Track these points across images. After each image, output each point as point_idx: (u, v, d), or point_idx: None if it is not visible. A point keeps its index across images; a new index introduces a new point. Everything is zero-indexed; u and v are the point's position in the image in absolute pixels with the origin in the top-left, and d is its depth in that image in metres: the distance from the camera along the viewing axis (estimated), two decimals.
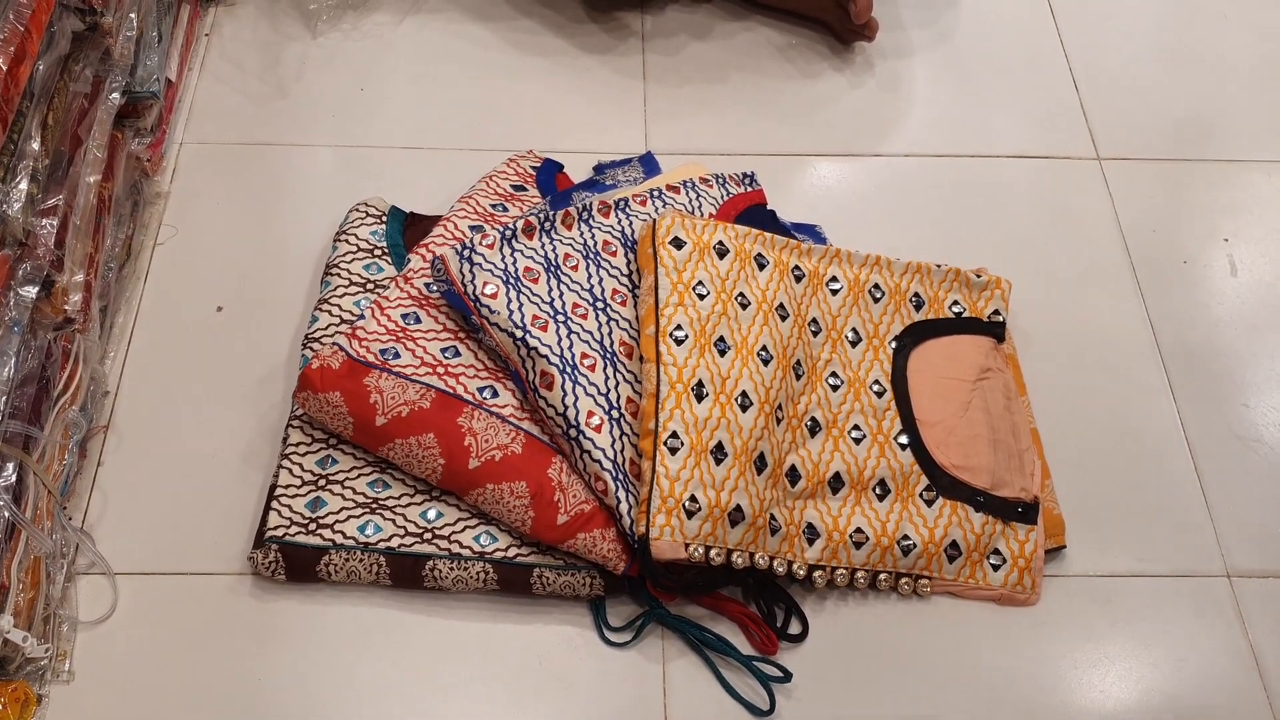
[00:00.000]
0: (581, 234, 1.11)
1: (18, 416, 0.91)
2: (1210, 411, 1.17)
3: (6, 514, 0.87)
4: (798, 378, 1.07)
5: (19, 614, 0.89)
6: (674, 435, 0.98)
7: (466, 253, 1.05)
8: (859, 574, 1.02)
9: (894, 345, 1.13)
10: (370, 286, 1.13)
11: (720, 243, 1.09)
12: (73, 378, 1.01)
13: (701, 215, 1.17)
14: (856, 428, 1.07)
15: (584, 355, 1.03)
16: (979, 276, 1.18)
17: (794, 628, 1.01)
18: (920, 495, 1.05)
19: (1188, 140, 1.40)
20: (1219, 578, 1.08)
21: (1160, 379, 1.19)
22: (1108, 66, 1.47)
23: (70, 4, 1.01)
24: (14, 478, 0.89)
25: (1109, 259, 1.28)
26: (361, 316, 1.06)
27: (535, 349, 1.01)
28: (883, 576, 1.03)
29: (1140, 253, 1.29)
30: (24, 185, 0.91)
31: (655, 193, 1.17)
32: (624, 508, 0.98)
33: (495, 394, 1.03)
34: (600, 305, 1.07)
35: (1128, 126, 1.40)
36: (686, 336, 1.02)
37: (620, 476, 0.99)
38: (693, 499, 0.96)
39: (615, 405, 1.02)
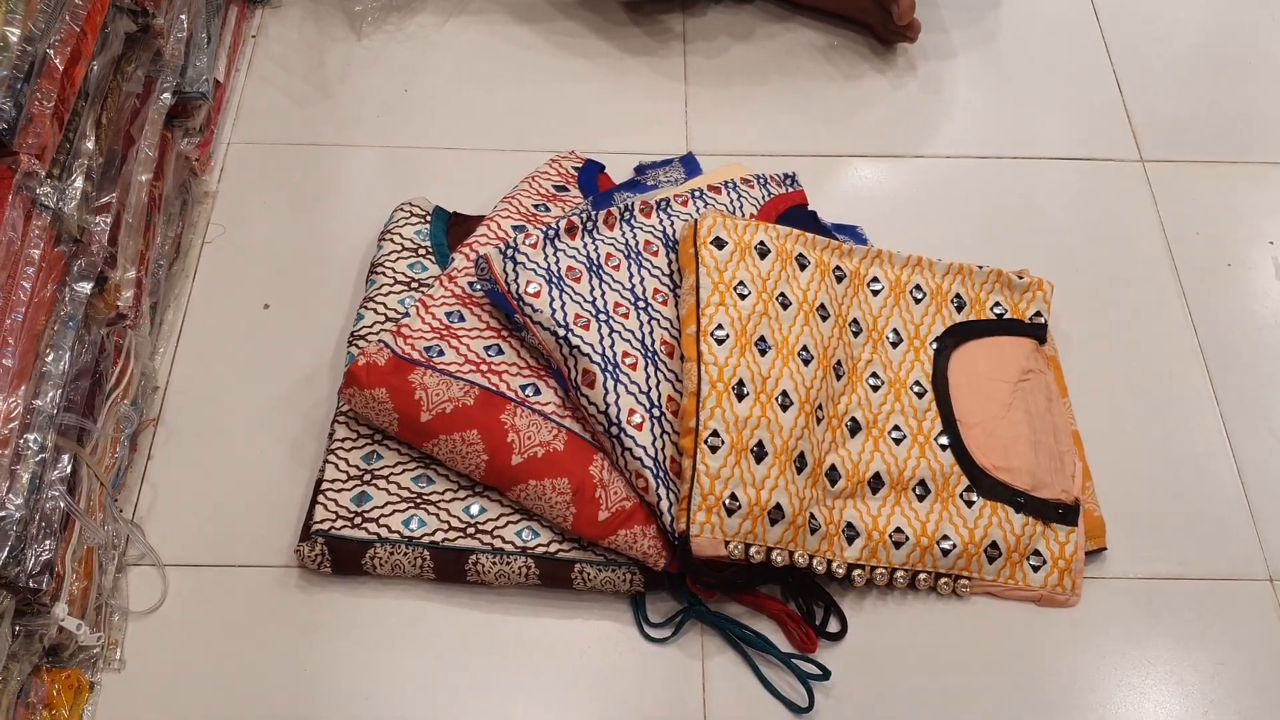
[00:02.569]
0: (623, 234, 1.12)
1: (72, 410, 0.93)
2: (1253, 415, 1.17)
3: (62, 504, 0.88)
4: (838, 378, 1.07)
5: (73, 603, 0.91)
6: (715, 434, 0.98)
7: (510, 252, 1.06)
8: (898, 573, 1.02)
9: (935, 346, 1.13)
10: (415, 285, 1.14)
11: (761, 243, 1.09)
12: (124, 372, 1.02)
13: (743, 215, 1.18)
14: (897, 428, 1.08)
15: (625, 354, 1.04)
16: (1021, 278, 1.17)
17: (833, 626, 1.02)
18: (960, 496, 1.05)
19: (1232, 142, 1.39)
20: (1261, 581, 1.07)
21: (1203, 382, 1.19)
22: (1151, 68, 1.46)
23: (123, 5, 1.03)
24: (69, 469, 0.90)
25: (1152, 261, 1.28)
26: (406, 314, 1.08)
27: (577, 347, 1.02)
28: (922, 576, 1.03)
29: (1183, 255, 1.28)
30: (79, 183, 0.93)
31: (696, 193, 1.18)
32: (664, 505, 0.98)
33: (538, 391, 1.04)
34: (642, 304, 1.08)
35: (1171, 128, 1.40)
36: (727, 336, 1.03)
37: (661, 474, 0.99)
38: (733, 497, 0.97)
39: (656, 404, 1.02)
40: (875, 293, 1.14)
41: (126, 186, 1.04)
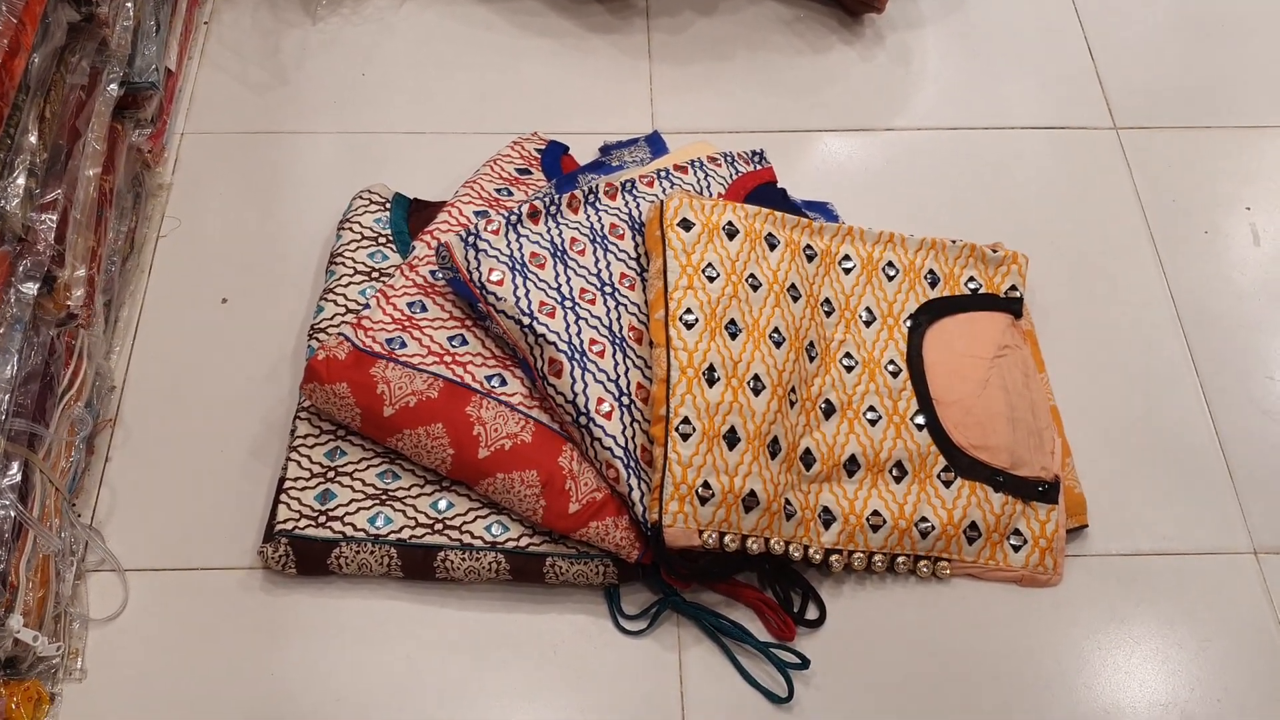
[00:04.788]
0: (588, 217, 1.09)
1: (22, 414, 0.90)
2: (1234, 385, 1.15)
3: (13, 513, 0.86)
4: (811, 359, 1.05)
5: (29, 613, 0.88)
6: (686, 421, 0.96)
7: (471, 239, 1.03)
8: (876, 557, 1.01)
9: (909, 324, 1.11)
10: (375, 275, 1.11)
11: (730, 223, 1.07)
12: (77, 373, 0.99)
13: (710, 195, 1.15)
14: (872, 409, 1.06)
15: (593, 341, 1.01)
16: (995, 252, 1.15)
17: (811, 613, 1.00)
18: (938, 476, 1.04)
19: (1207, 107, 1.37)
20: (1245, 554, 1.06)
21: (1182, 353, 1.17)
22: (1124, 34, 1.44)
23: None
24: (19, 476, 0.88)
25: (1128, 231, 1.26)
26: (367, 306, 1.05)
27: (543, 336, 1.00)
28: (901, 559, 1.01)
29: (1160, 224, 1.26)
30: (21, 180, 0.89)
31: (662, 173, 1.15)
32: (636, 495, 0.96)
33: (504, 382, 1.02)
34: (608, 290, 1.05)
35: (1145, 95, 1.38)
36: (697, 320, 1.00)
37: (632, 464, 0.97)
38: (706, 485, 0.95)
39: (625, 391, 1.00)
40: (847, 271, 1.11)
41: (73, 182, 1.00)
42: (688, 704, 0.96)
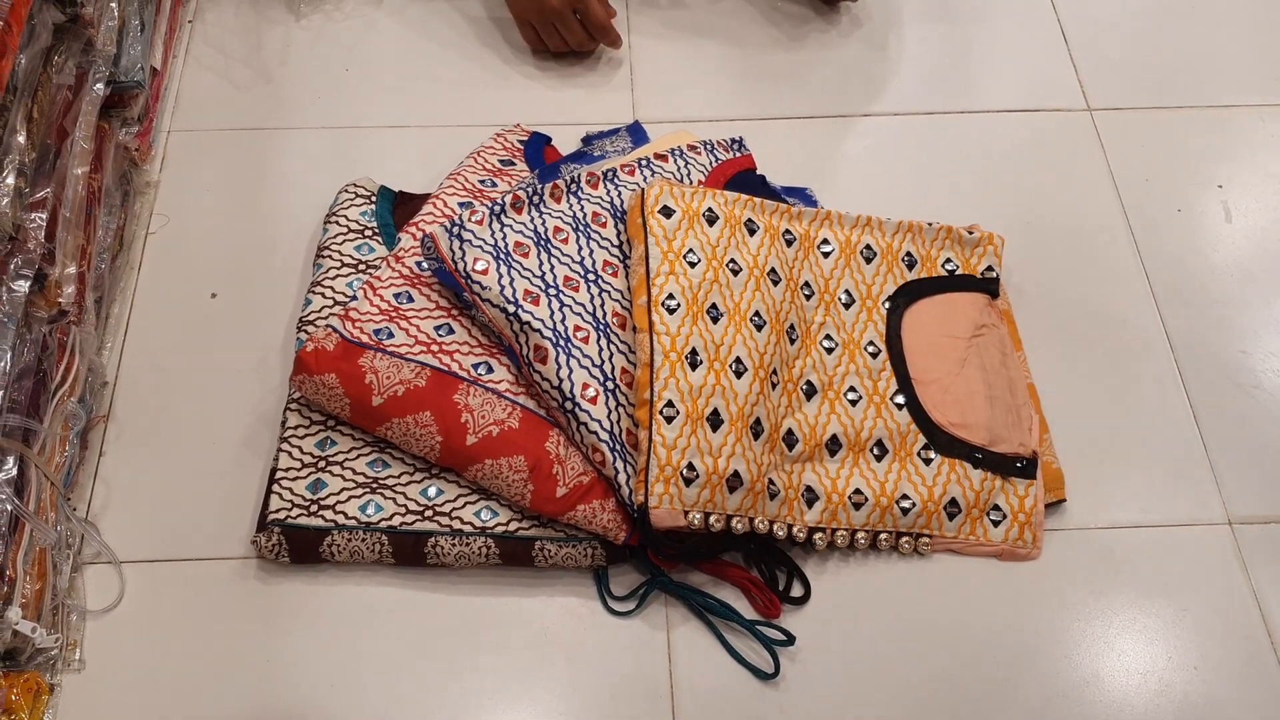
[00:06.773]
0: (570, 206, 1.11)
1: (16, 410, 0.91)
2: (1208, 359, 1.17)
3: (9, 507, 0.87)
4: (792, 342, 1.07)
5: (27, 605, 0.89)
6: (669, 404, 0.98)
7: (456, 230, 1.05)
8: (859, 535, 1.02)
9: (887, 305, 1.13)
10: (362, 267, 1.13)
11: (710, 210, 1.08)
12: (70, 369, 1.01)
13: (690, 183, 1.17)
14: (852, 389, 1.07)
15: (577, 328, 1.03)
16: (971, 233, 1.17)
17: (796, 590, 1.02)
18: (918, 454, 1.05)
19: (1179, 87, 1.39)
20: (1220, 525, 1.07)
21: (1157, 329, 1.19)
22: (1096, 15, 1.45)
23: None
24: (15, 471, 0.89)
25: (1102, 210, 1.28)
26: (354, 298, 1.06)
27: (528, 323, 1.01)
28: (883, 536, 1.03)
29: (1133, 203, 1.28)
30: (11, 180, 0.91)
31: (643, 162, 1.17)
32: (622, 478, 0.98)
33: (490, 370, 1.03)
34: (592, 277, 1.07)
35: (1118, 76, 1.39)
36: (679, 305, 1.02)
37: (617, 447, 0.99)
38: (690, 466, 0.96)
39: (610, 376, 1.02)
40: (826, 254, 1.13)
41: (62, 180, 1.02)
42: (676, 682, 0.98)
